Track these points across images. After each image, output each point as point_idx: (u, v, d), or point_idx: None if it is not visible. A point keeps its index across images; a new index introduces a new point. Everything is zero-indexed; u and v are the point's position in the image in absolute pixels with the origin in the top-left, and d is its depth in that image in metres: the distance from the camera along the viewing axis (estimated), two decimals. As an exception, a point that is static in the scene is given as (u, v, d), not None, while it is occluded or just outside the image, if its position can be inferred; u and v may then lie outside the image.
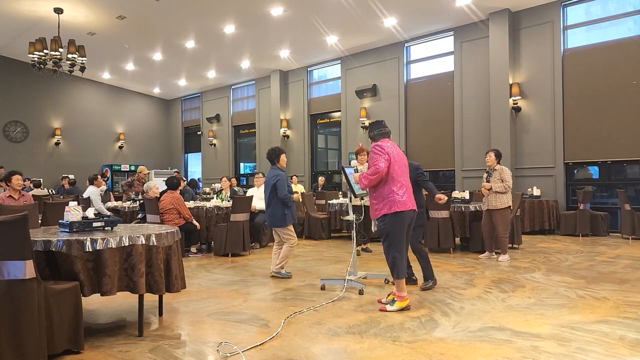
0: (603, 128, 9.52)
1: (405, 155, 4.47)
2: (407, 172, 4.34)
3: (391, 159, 4.17)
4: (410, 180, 4.43)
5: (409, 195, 4.23)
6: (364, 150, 7.15)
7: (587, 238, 8.90)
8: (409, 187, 4.28)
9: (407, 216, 4.18)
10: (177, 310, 4.28)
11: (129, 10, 10.72)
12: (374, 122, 4.52)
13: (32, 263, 2.85)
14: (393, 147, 4.30)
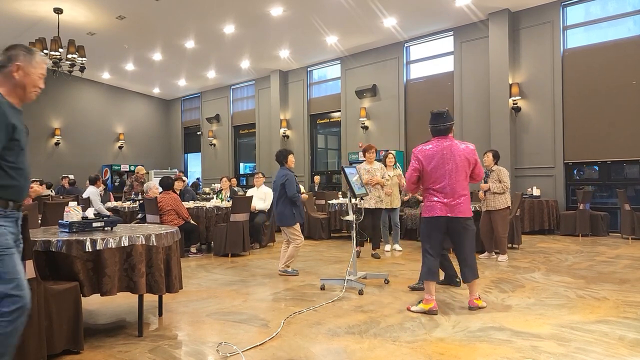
0: (603, 128, 9.53)
1: (465, 150, 4.08)
2: (452, 174, 4.01)
3: (423, 164, 4.08)
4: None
5: (443, 200, 4.02)
6: (372, 148, 7.18)
7: (587, 238, 8.90)
8: (448, 191, 4.01)
9: (435, 222, 4.06)
10: (177, 311, 4.28)
11: (128, 11, 10.72)
12: (434, 113, 4.18)
13: (32, 263, 2.85)
14: (438, 147, 4.06)
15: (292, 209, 5.75)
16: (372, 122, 13.08)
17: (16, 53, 2.33)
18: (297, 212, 5.80)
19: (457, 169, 4.04)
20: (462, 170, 4.05)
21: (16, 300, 2.20)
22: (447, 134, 4.12)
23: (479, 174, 4.21)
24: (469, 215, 4.09)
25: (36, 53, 2.40)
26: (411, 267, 6.31)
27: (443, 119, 4.14)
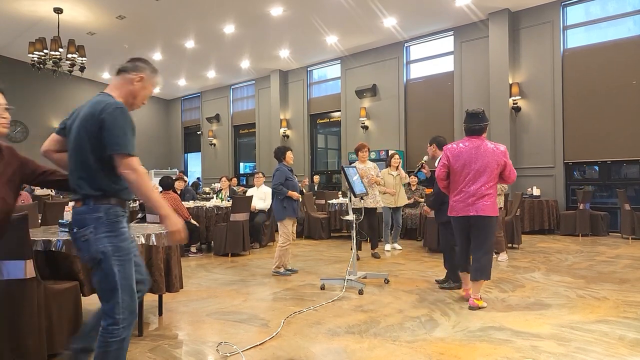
0: (603, 128, 9.52)
1: (495, 151, 4.14)
2: (478, 173, 4.09)
3: (450, 161, 4.20)
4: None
5: (465, 200, 4.12)
6: (365, 147, 7.20)
7: (587, 238, 8.90)
8: (472, 190, 4.10)
9: (457, 222, 4.23)
10: (177, 310, 4.28)
11: (128, 10, 10.72)
12: (469, 113, 4.28)
13: (32, 263, 2.85)
14: (467, 146, 4.17)
15: (282, 203, 5.70)
16: (372, 122, 13.08)
17: (144, 66, 2.42)
18: (288, 206, 5.71)
19: (484, 169, 4.10)
20: (489, 170, 4.11)
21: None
22: (480, 134, 4.23)
23: (510, 176, 4.21)
24: (491, 214, 4.12)
25: (158, 76, 2.51)
26: (411, 267, 6.31)
27: (478, 119, 4.23)
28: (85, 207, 2.18)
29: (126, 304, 2.18)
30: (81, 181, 2.20)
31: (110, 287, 2.15)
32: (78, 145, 2.20)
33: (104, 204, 2.18)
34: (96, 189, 2.19)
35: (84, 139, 2.18)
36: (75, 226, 2.19)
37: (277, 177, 5.79)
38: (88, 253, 2.16)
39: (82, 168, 2.20)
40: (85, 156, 2.18)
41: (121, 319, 2.15)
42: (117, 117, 2.19)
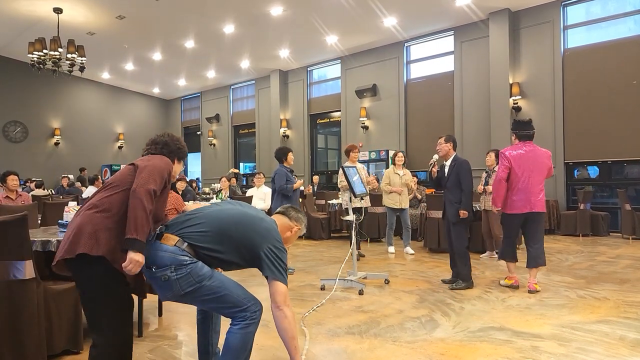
0: (603, 128, 9.52)
1: (545, 154, 4.86)
2: (534, 174, 4.75)
3: (512, 164, 4.76)
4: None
5: (525, 198, 4.73)
6: (356, 148, 7.22)
7: (588, 238, 8.89)
8: (530, 189, 4.72)
9: (517, 218, 4.81)
10: (177, 311, 4.27)
11: (128, 10, 10.72)
12: (522, 121, 4.96)
13: (32, 263, 2.84)
14: (526, 150, 4.78)
15: (282, 203, 5.70)
16: (372, 122, 13.08)
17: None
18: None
19: (539, 170, 4.79)
20: (541, 171, 4.80)
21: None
22: (532, 139, 4.90)
23: (549, 175, 4.96)
24: (543, 210, 4.82)
25: None
26: (412, 267, 6.30)
27: (530, 126, 4.90)
28: (176, 247, 2.28)
29: (241, 293, 2.37)
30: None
31: (220, 298, 2.32)
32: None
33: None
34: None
35: None
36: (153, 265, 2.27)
37: (278, 179, 5.83)
38: (171, 291, 2.27)
39: None
40: None
41: (249, 306, 2.35)
42: None
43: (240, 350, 2.33)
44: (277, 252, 2.43)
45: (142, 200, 2.17)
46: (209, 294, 2.28)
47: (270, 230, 2.50)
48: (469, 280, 4.95)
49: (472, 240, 7.45)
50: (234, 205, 2.59)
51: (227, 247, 2.37)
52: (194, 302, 2.36)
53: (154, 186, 2.24)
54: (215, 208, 2.54)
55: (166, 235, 2.31)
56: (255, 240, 2.41)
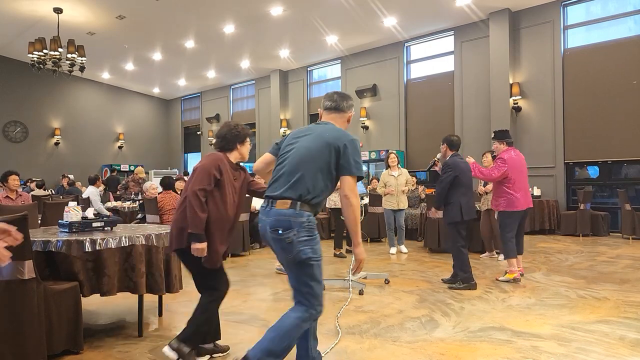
0: (603, 128, 9.52)
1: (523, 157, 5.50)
2: (524, 174, 5.36)
3: (508, 165, 5.20)
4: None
5: (524, 196, 5.25)
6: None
7: (588, 238, 8.89)
8: (525, 187, 5.33)
9: (518, 214, 5.23)
10: (177, 311, 4.27)
11: (128, 10, 10.72)
12: (503, 130, 5.62)
13: (32, 263, 2.84)
14: (516, 154, 5.35)
15: None
16: (372, 122, 13.08)
17: (352, 104, 2.88)
18: None
19: (526, 170, 5.44)
20: (526, 171, 5.45)
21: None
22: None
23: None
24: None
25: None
26: (412, 267, 6.30)
27: (509, 134, 5.60)
28: (292, 211, 2.42)
29: (320, 292, 2.53)
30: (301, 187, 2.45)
31: (310, 282, 2.49)
32: (308, 158, 2.48)
33: (307, 211, 2.44)
34: (309, 197, 2.45)
35: (319, 155, 2.48)
36: (281, 227, 2.42)
37: None
38: (286, 254, 2.44)
39: (306, 178, 2.45)
40: (313, 169, 2.47)
41: (314, 305, 2.51)
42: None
43: (287, 336, 2.42)
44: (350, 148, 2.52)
45: (191, 201, 2.73)
46: (312, 272, 2.47)
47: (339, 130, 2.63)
48: (470, 282, 4.91)
49: (472, 240, 7.45)
50: (300, 142, 2.60)
51: (322, 181, 2.47)
52: (297, 272, 2.49)
53: (199, 186, 2.75)
54: (291, 154, 2.55)
55: (278, 202, 2.45)
56: (325, 153, 2.49)
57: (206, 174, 2.78)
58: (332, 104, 2.78)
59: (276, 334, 2.41)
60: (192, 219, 2.72)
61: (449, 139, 5.31)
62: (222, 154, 2.96)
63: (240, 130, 3.01)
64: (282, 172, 2.50)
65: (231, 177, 2.91)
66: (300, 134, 2.64)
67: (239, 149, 3.02)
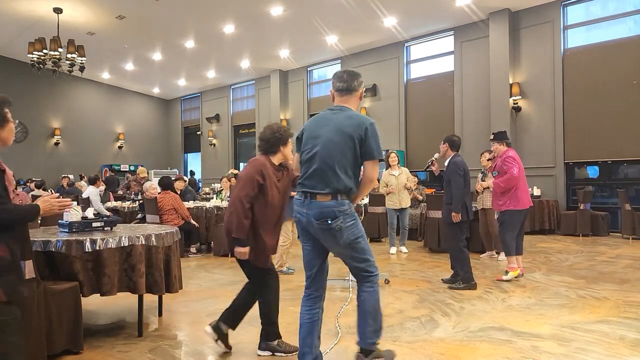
0: (603, 128, 9.51)
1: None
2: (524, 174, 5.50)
3: (519, 166, 5.35)
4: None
5: (527, 194, 5.43)
6: None
7: (588, 238, 8.89)
8: (527, 187, 5.53)
9: (526, 212, 5.42)
10: (177, 311, 4.27)
11: (128, 10, 10.72)
12: (503, 131, 5.72)
13: (32, 263, 2.84)
14: (516, 154, 5.53)
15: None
16: (372, 122, 13.06)
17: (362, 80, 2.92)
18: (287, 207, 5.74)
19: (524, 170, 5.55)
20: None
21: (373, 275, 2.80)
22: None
23: None
24: None
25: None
26: (412, 267, 6.30)
27: (507, 135, 5.72)
28: (334, 202, 2.63)
29: (373, 260, 2.79)
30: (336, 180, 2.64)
31: (363, 256, 2.73)
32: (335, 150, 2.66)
33: (346, 199, 2.67)
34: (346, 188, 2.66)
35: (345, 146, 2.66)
36: (328, 218, 2.61)
37: None
38: (338, 240, 2.65)
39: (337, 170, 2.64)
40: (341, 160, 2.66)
41: (375, 269, 2.79)
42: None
43: (377, 310, 2.75)
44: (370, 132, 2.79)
45: (237, 207, 2.94)
46: (363, 247, 2.71)
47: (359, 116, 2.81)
48: (470, 282, 4.91)
49: (472, 240, 7.45)
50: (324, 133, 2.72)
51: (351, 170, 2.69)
52: (351, 253, 2.70)
53: (243, 192, 2.96)
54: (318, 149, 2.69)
55: (319, 196, 2.63)
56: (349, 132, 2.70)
57: (250, 181, 2.98)
58: (343, 85, 2.81)
59: (369, 316, 2.71)
60: (237, 225, 2.93)
61: (450, 139, 5.30)
62: (264, 157, 3.17)
63: (282, 133, 3.22)
64: (314, 167, 2.66)
65: (274, 180, 3.10)
66: (321, 125, 2.74)
67: (282, 150, 3.22)
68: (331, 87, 2.88)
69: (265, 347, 3.13)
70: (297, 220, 2.74)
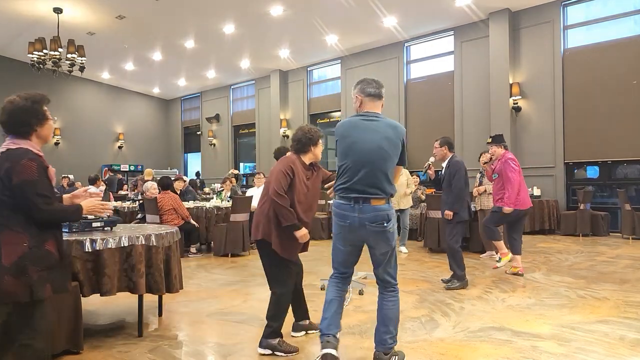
0: (603, 128, 9.51)
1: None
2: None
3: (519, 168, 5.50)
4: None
5: (527, 194, 5.56)
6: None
7: (588, 238, 8.89)
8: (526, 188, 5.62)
9: (523, 212, 5.55)
10: (177, 311, 4.27)
11: (128, 10, 10.72)
12: (500, 134, 5.92)
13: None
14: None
15: None
16: (372, 122, 13.06)
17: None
18: None
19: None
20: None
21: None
22: None
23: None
24: None
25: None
26: (412, 267, 6.31)
27: (504, 138, 5.90)
28: (387, 205, 2.81)
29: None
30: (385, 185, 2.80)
31: (395, 262, 2.91)
32: (385, 157, 2.81)
33: (390, 203, 2.85)
34: (392, 192, 2.84)
35: (392, 153, 2.83)
36: (384, 221, 2.77)
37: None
38: (390, 242, 2.83)
39: (387, 175, 2.82)
40: (389, 166, 2.84)
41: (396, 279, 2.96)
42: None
43: (398, 318, 2.89)
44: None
45: (276, 200, 3.12)
46: (396, 254, 2.91)
47: (397, 125, 2.92)
48: (464, 280, 4.97)
49: (472, 240, 7.46)
50: (366, 136, 2.83)
51: (391, 174, 2.87)
52: (390, 258, 2.85)
53: (277, 185, 3.14)
54: (367, 152, 2.79)
55: (373, 199, 2.76)
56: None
57: (281, 174, 3.17)
58: (375, 91, 2.92)
59: (391, 324, 2.82)
60: (284, 215, 3.12)
61: (448, 140, 5.30)
62: (295, 156, 3.33)
63: (313, 134, 3.36)
64: (364, 172, 2.76)
65: (303, 177, 3.28)
66: (364, 131, 2.83)
67: (313, 150, 3.39)
68: (357, 92, 2.96)
69: (265, 345, 3.16)
70: (340, 224, 2.82)
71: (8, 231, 2.19)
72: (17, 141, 2.29)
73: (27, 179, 2.19)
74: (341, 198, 2.80)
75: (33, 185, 2.21)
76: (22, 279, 2.17)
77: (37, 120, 2.35)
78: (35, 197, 2.20)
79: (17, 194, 2.19)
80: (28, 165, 2.22)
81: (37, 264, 2.22)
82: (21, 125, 2.30)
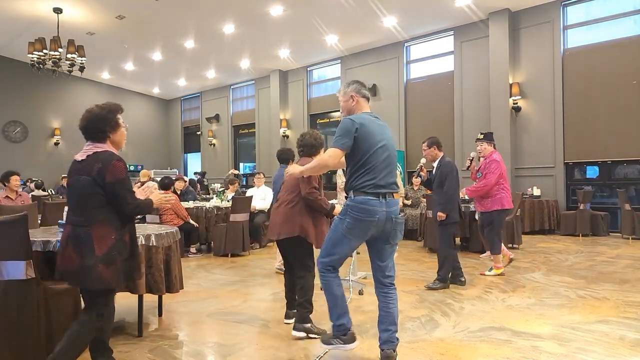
0: (603, 128, 9.52)
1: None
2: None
3: (502, 166, 5.56)
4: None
5: (510, 194, 5.64)
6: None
7: (587, 238, 8.90)
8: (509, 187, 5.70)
9: (507, 212, 5.69)
10: (177, 311, 4.27)
11: (128, 10, 10.71)
12: (490, 132, 5.95)
13: (32, 263, 2.84)
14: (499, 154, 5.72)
15: None
16: (372, 122, 13.05)
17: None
18: None
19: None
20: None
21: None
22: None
23: None
24: None
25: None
26: (411, 267, 6.30)
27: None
28: (398, 200, 3.05)
29: None
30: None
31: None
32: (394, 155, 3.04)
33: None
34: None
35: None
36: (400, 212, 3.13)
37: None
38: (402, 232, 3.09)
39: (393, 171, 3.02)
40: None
41: None
42: None
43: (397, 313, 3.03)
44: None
45: (312, 198, 3.51)
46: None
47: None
48: (445, 282, 5.00)
49: (472, 240, 7.46)
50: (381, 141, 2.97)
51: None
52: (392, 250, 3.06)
53: (309, 186, 3.51)
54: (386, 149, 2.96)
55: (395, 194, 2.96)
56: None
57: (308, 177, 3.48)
58: (368, 95, 3.14)
59: (396, 321, 2.94)
60: (322, 205, 3.54)
61: (437, 141, 5.26)
62: (309, 158, 3.66)
63: (320, 140, 3.83)
64: (389, 169, 2.95)
65: (317, 175, 3.57)
66: (379, 129, 2.98)
67: (320, 153, 3.77)
68: (354, 92, 3.07)
69: (301, 329, 3.48)
70: (362, 219, 2.87)
71: (99, 224, 2.48)
72: (99, 145, 2.61)
73: (119, 177, 2.51)
74: (368, 194, 2.87)
75: (123, 183, 2.53)
76: (112, 267, 2.47)
77: (111, 128, 2.65)
78: (126, 193, 2.53)
79: (109, 191, 2.50)
80: (118, 165, 2.54)
81: (122, 254, 2.54)
82: (97, 131, 2.63)
